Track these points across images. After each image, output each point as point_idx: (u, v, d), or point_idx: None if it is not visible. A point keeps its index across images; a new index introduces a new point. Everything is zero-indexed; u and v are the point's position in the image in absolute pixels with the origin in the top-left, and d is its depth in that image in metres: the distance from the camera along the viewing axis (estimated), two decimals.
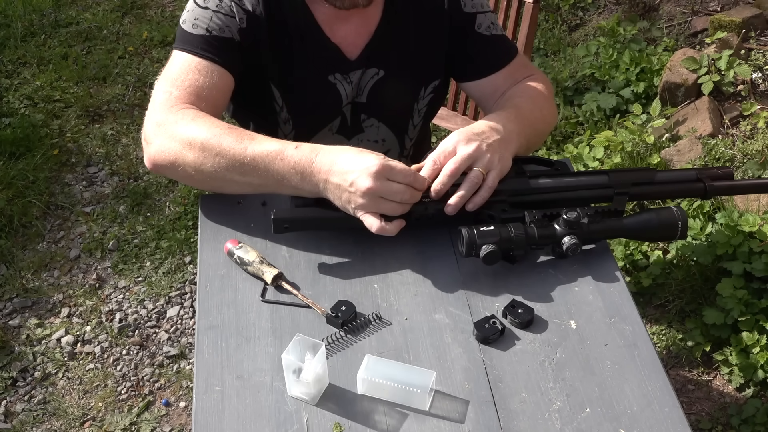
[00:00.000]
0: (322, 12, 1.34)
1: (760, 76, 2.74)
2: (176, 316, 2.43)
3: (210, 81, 1.26)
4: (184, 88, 1.24)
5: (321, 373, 1.02)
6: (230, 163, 1.15)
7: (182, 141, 1.17)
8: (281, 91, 1.39)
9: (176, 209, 2.81)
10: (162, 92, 1.24)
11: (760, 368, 2.01)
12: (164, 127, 1.20)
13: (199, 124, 1.18)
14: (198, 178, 1.19)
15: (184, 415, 2.16)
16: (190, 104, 1.22)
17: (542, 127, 1.34)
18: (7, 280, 2.54)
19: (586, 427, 0.99)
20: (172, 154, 1.18)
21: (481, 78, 1.43)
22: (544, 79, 1.42)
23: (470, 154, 1.15)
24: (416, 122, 1.53)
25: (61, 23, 3.81)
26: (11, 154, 2.98)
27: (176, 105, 1.22)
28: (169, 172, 1.22)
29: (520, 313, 1.11)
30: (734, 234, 2.14)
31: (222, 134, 1.16)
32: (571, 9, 3.56)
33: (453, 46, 1.43)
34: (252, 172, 1.15)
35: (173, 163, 1.19)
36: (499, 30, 1.44)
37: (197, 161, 1.17)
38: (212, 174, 1.17)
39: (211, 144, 1.16)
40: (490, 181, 1.17)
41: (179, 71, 1.26)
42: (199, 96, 1.24)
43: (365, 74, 1.41)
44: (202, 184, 1.22)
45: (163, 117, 1.21)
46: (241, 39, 1.31)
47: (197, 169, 1.17)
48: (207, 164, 1.16)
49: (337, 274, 1.19)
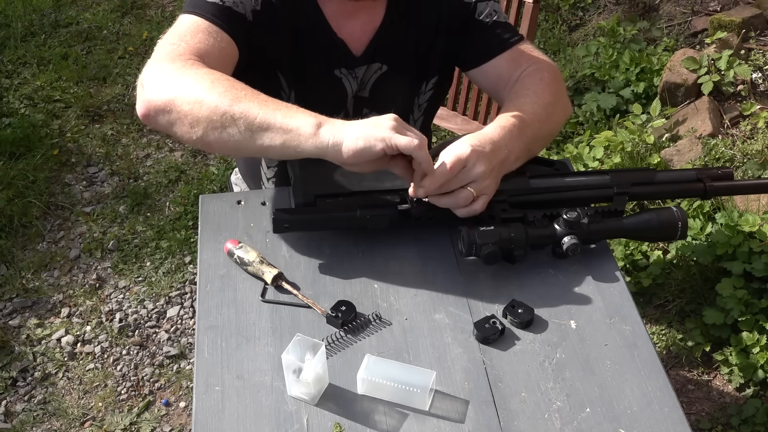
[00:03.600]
0: (330, 7, 1.35)
1: (760, 76, 2.74)
2: (176, 316, 2.43)
3: (219, 45, 1.21)
4: (193, 44, 1.18)
5: (321, 373, 1.02)
6: (240, 114, 1.07)
7: (187, 79, 1.11)
8: (288, 81, 1.39)
9: (176, 209, 2.81)
10: (168, 44, 1.18)
11: (760, 368, 2.01)
12: (166, 71, 1.13)
13: (207, 72, 1.12)
14: (191, 121, 1.09)
15: (184, 415, 2.16)
16: (199, 58, 1.16)
17: (548, 128, 1.30)
18: (7, 280, 2.54)
19: (586, 427, 0.99)
20: (171, 93, 1.10)
21: (483, 64, 1.42)
22: (553, 69, 1.37)
23: (474, 173, 1.12)
24: (416, 117, 1.53)
25: (61, 23, 3.81)
26: (11, 154, 2.99)
27: (184, 55, 1.16)
28: (161, 117, 1.12)
29: (520, 313, 1.11)
30: (734, 234, 2.14)
31: (229, 86, 1.10)
32: (571, 9, 3.56)
33: (455, 38, 1.43)
34: (262, 122, 1.07)
35: (170, 102, 1.10)
36: (502, 17, 1.42)
37: (199, 98, 1.09)
38: (209, 116, 1.08)
39: (221, 82, 1.10)
40: (477, 206, 1.14)
41: (187, 29, 1.21)
42: (207, 54, 1.18)
43: (369, 69, 1.42)
44: (193, 131, 1.10)
45: (168, 64, 1.14)
46: (254, 20, 1.28)
47: (196, 108, 1.09)
48: (208, 101, 1.08)
49: (337, 274, 1.19)
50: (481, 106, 2.28)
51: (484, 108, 2.28)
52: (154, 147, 3.13)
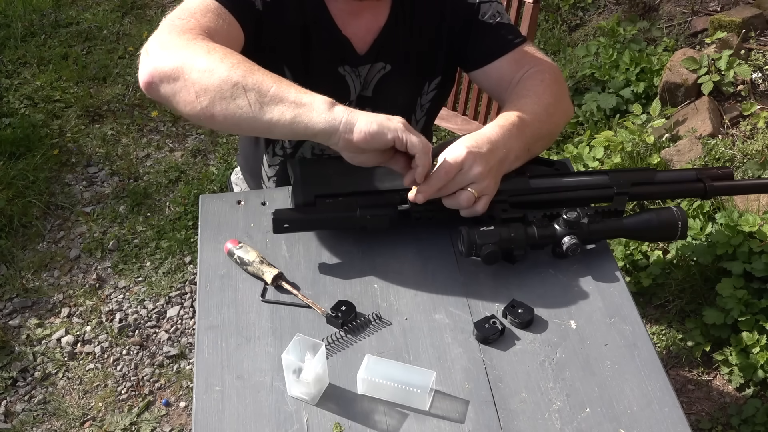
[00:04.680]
0: (335, 6, 1.36)
1: (760, 76, 2.74)
2: (176, 316, 2.43)
3: (227, 27, 1.21)
4: (203, 22, 1.18)
5: (321, 373, 1.02)
6: (250, 83, 1.07)
7: (198, 49, 1.09)
8: (294, 76, 1.40)
9: (176, 209, 2.81)
10: (177, 18, 1.17)
11: (760, 368, 2.01)
12: (176, 40, 1.12)
13: (219, 46, 1.12)
14: (198, 90, 1.08)
15: (184, 415, 2.16)
16: (209, 36, 1.16)
17: (548, 128, 1.30)
18: (7, 280, 2.54)
19: (586, 427, 0.99)
20: (180, 60, 1.08)
21: (485, 65, 1.42)
22: (555, 70, 1.38)
23: (471, 175, 1.12)
24: (419, 117, 1.53)
25: (61, 23, 3.81)
26: (11, 154, 2.99)
27: (194, 30, 1.14)
28: (165, 84, 1.10)
29: (520, 313, 1.11)
30: (734, 234, 2.14)
31: (241, 59, 1.10)
32: (571, 9, 3.56)
33: (458, 38, 1.43)
34: (273, 94, 1.07)
35: (178, 69, 1.08)
36: (506, 18, 1.43)
37: (210, 67, 1.07)
38: (219, 86, 1.06)
39: (234, 55, 1.10)
40: (479, 207, 1.15)
41: (197, 7, 1.20)
42: (215, 34, 1.17)
43: (372, 68, 1.42)
44: (197, 100, 1.09)
45: (176, 35, 1.13)
46: (263, 11, 1.29)
47: (206, 76, 1.07)
48: (219, 71, 1.07)
49: (337, 274, 1.19)
50: (481, 106, 2.29)
51: (484, 108, 2.28)
52: (154, 147, 3.13)
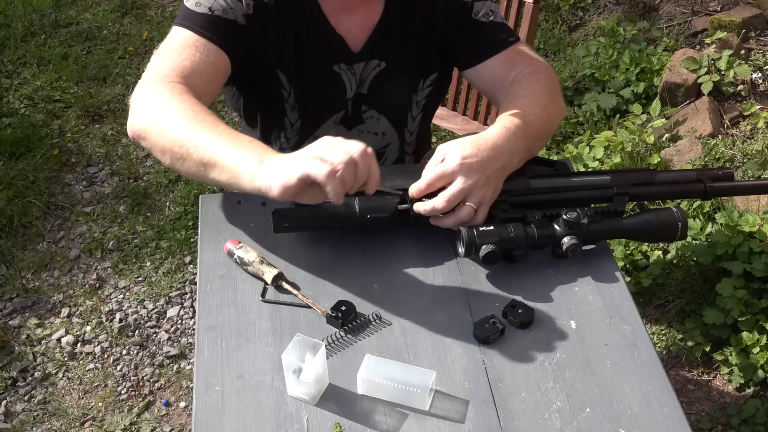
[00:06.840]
0: (328, 3, 1.36)
1: (760, 76, 2.74)
2: (176, 316, 2.43)
3: (206, 59, 1.26)
4: (179, 63, 1.24)
5: (321, 373, 1.02)
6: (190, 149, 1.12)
7: (159, 108, 1.16)
8: (289, 79, 1.40)
9: (176, 209, 2.81)
10: (157, 63, 1.25)
11: (760, 368, 2.01)
12: (148, 96, 1.20)
13: (179, 101, 1.17)
14: (160, 149, 1.17)
15: (184, 415, 2.16)
16: (183, 78, 1.22)
17: (547, 128, 1.31)
18: (7, 280, 2.54)
19: (586, 427, 0.99)
20: (146, 120, 1.18)
21: (478, 64, 1.42)
22: (549, 70, 1.39)
23: (465, 189, 1.13)
24: (415, 114, 1.54)
25: (61, 23, 3.81)
26: (11, 154, 2.98)
27: (168, 77, 1.21)
28: (141, 141, 1.20)
29: (520, 313, 1.11)
30: (734, 234, 2.14)
31: (192, 117, 1.14)
32: (571, 9, 3.56)
33: (451, 36, 1.43)
34: (208, 159, 1.11)
35: (144, 130, 1.18)
36: (499, 18, 1.43)
37: (164, 129, 1.15)
38: (171, 147, 1.14)
39: (186, 113, 1.14)
40: (479, 218, 1.16)
41: (176, 46, 1.26)
42: (193, 71, 1.24)
43: (368, 66, 1.42)
44: (163, 158, 1.18)
45: (151, 87, 1.21)
46: (246, 24, 1.31)
47: (162, 138, 1.15)
48: (171, 132, 1.14)
49: (337, 274, 1.19)
50: (481, 106, 2.29)
51: (484, 108, 2.28)
52: None
